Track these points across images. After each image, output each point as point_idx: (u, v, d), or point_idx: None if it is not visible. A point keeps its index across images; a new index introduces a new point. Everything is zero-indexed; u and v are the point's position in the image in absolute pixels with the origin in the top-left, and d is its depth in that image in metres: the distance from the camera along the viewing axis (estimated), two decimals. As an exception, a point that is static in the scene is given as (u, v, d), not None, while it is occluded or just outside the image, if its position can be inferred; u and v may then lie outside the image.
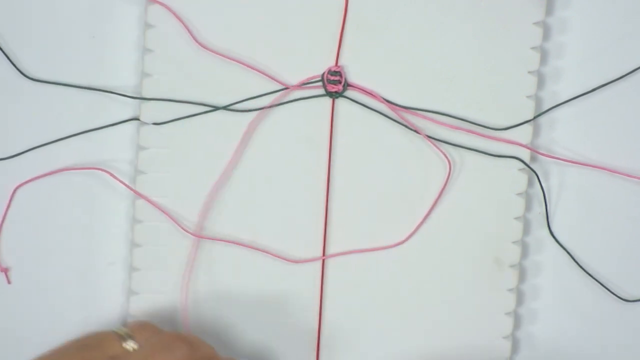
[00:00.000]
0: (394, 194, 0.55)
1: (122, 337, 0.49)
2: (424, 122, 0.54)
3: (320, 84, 0.54)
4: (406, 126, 0.54)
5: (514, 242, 0.55)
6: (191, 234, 0.54)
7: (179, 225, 0.54)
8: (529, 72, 0.54)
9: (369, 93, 0.54)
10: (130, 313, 0.54)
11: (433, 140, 0.54)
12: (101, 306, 0.55)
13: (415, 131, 0.54)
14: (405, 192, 0.55)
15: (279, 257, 0.54)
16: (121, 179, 0.54)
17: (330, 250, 0.55)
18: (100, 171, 0.54)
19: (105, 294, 0.55)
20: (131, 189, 0.54)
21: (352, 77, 0.54)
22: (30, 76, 0.54)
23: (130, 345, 0.49)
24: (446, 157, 0.54)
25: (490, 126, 0.54)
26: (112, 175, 0.54)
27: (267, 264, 0.54)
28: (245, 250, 0.54)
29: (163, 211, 0.54)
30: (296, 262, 0.54)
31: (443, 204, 0.55)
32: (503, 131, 0.54)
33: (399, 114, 0.54)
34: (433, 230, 0.55)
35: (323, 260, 0.55)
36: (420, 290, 0.55)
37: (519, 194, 0.55)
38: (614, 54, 0.56)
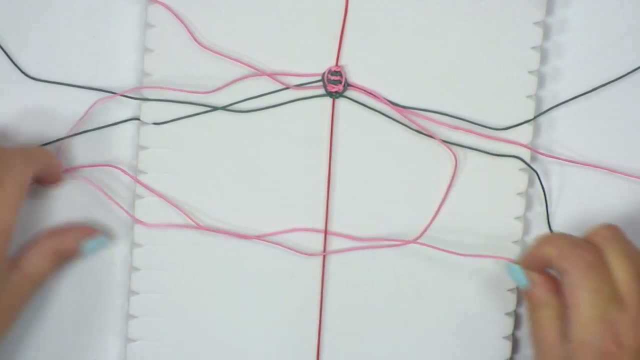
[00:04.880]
0: (394, 194, 0.55)
1: None
2: (424, 122, 0.54)
3: (320, 84, 0.54)
4: (407, 126, 0.54)
5: (514, 242, 0.55)
6: (200, 227, 0.54)
7: (190, 218, 0.54)
8: (529, 72, 0.54)
9: (369, 93, 0.54)
10: (130, 313, 0.54)
11: (436, 138, 0.54)
12: (101, 306, 0.55)
13: (417, 131, 0.54)
14: (406, 193, 0.55)
15: (288, 248, 0.54)
16: (121, 179, 0.54)
17: (331, 248, 0.55)
18: (103, 168, 0.54)
19: (105, 294, 0.55)
20: (145, 186, 0.54)
21: (352, 77, 0.54)
22: (31, 76, 0.54)
23: None
24: (452, 152, 0.54)
25: (491, 126, 0.54)
26: (121, 170, 0.54)
27: (267, 264, 0.55)
28: (244, 250, 0.54)
29: (175, 206, 0.54)
30: (301, 253, 0.54)
31: (443, 203, 0.55)
32: (503, 131, 0.54)
33: (401, 113, 0.54)
34: (433, 230, 0.55)
35: (324, 258, 0.55)
36: (420, 290, 0.55)
37: (519, 194, 0.55)
38: (614, 54, 0.56)
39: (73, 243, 0.53)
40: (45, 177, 0.53)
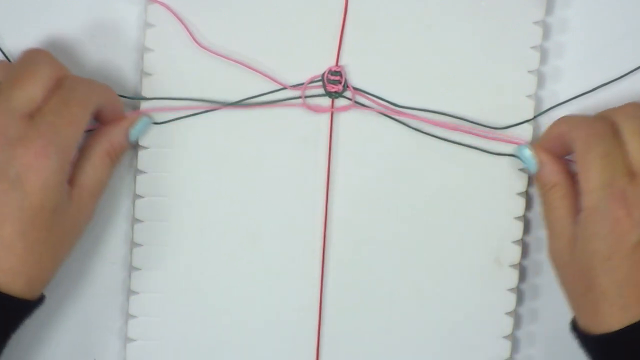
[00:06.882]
0: (394, 194, 0.55)
1: None
2: (424, 122, 0.54)
3: (320, 83, 0.54)
4: (407, 125, 0.54)
5: (514, 242, 0.55)
6: None
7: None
8: (529, 71, 0.54)
9: (369, 93, 0.54)
10: (130, 313, 0.54)
11: (436, 137, 0.54)
12: (101, 306, 0.55)
13: (416, 129, 0.54)
14: (405, 192, 0.55)
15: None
16: (121, 178, 0.54)
17: (330, 248, 0.55)
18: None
19: (105, 294, 0.55)
20: None
21: (352, 77, 0.54)
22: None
23: None
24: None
25: (491, 125, 0.54)
26: None
27: (267, 264, 0.55)
28: (244, 251, 0.54)
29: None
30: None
31: (443, 203, 0.55)
32: (503, 130, 0.54)
33: (400, 113, 0.54)
34: (433, 230, 0.55)
35: (323, 259, 0.55)
36: (421, 289, 0.55)
37: (519, 194, 0.55)
38: (614, 54, 0.56)
39: (122, 137, 0.52)
40: (105, 114, 0.52)
